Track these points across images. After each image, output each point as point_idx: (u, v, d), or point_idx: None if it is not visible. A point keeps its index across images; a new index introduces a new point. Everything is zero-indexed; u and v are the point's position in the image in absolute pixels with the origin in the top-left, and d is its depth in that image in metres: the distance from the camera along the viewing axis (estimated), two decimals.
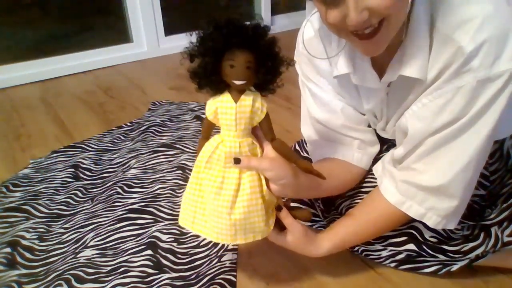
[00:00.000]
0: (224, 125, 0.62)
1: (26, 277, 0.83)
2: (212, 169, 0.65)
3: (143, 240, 0.91)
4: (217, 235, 0.66)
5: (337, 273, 0.82)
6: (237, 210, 0.64)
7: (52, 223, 0.99)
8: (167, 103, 1.65)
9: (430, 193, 0.68)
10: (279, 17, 2.73)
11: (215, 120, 0.63)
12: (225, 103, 0.60)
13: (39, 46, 2.03)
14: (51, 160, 1.26)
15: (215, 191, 0.64)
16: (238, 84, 0.57)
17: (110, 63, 2.12)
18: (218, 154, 0.63)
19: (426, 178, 0.67)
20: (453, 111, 0.61)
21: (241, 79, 0.57)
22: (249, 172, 0.64)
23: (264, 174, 0.64)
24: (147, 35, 2.20)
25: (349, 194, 0.85)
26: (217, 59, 0.57)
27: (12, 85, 1.87)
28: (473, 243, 0.75)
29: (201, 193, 0.67)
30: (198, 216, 0.68)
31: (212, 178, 0.64)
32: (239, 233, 0.65)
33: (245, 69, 0.56)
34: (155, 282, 0.80)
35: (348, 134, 0.81)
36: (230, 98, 0.60)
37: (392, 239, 0.78)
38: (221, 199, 0.64)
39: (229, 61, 0.56)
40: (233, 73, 0.56)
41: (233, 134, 0.62)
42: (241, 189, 0.64)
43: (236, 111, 0.60)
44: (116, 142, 1.37)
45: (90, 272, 0.83)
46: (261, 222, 0.65)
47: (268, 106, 0.64)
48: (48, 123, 1.53)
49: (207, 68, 0.57)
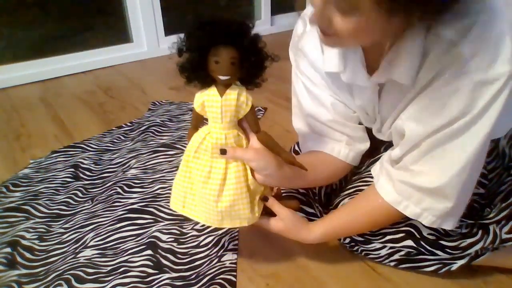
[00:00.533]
0: (210, 117, 0.66)
1: (26, 277, 0.83)
2: (200, 159, 0.68)
3: (143, 240, 0.91)
4: (206, 219, 0.72)
5: (337, 273, 0.82)
6: (224, 199, 0.68)
7: (52, 223, 0.99)
8: (167, 103, 1.65)
9: (427, 194, 0.68)
10: (279, 17, 2.74)
11: (202, 112, 0.67)
12: (211, 97, 0.64)
13: (39, 46, 2.03)
14: (51, 160, 1.26)
15: (203, 180, 0.68)
16: (223, 79, 0.61)
17: (110, 63, 2.13)
18: (206, 145, 0.67)
19: (422, 179, 0.67)
20: (450, 113, 0.61)
21: (225, 74, 0.60)
22: (235, 163, 0.67)
23: (249, 165, 0.68)
24: (147, 35, 2.20)
25: (348, 193, 0.86)
26: (203, 55, 0.60)
27: (12, 85, 1.88)
28: (471, 239, 0.75)
29: (191, 180, 0.71)
30: (188, 200, 0.73)
31: (200, 167, 0.68)
32: (226, 219, 0.71)
33: (230, 64, 0.59)
34: (155, 282, 0.80)
35: (338, 129, 0.82)
36: (216, 92, 0.63)
37: (390, 235, 0.79)
38: (208, 188, 0.68)
39: (214, 57, 0.59)
40: (218, 68, 0.59)
41: (219, 126, 0.66)
42: (227, 179, 0.68)
43: (221, 105, 0.63)
44: (116, 142, 1.37)
45: (90, 272, 0.83)
46: (246, 210, 0.70)
47: (268, 106, 0.64)
48: (48, 123, 1.53)
49: (194, 64, 0.61)
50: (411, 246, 0.77)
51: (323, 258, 0.85)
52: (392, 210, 0.72)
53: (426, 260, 0.77)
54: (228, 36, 0.58)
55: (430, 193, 0.67)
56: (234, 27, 0.58)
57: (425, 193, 0.68)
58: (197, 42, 0.59)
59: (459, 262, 0.74)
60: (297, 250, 0.87)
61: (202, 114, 0.67)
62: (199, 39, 0.59)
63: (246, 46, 0.59)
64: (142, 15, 2.15)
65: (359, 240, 0.82)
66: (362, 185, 0.85)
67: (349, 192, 0.86)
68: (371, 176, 0.81)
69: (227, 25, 0.58)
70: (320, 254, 0.86)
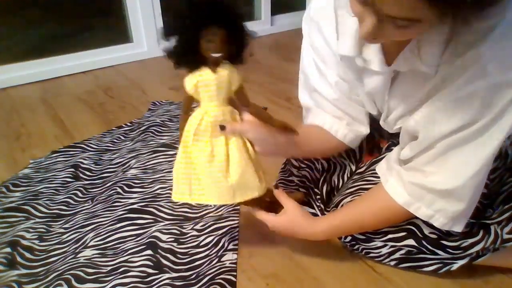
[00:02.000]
0: (205, 97, 0.67)
1: (26, 277, 0.83)
2: (200, 141, 0.70)
3: (143, 240, 0.91)
4: (218, 198, 0.73)
5: (337, 273, 0.82)
6: (232, 172, 0.71)
7: (52, 223, 0.99)
8: (167, 103, 1.65)
9: (439, 195, 0.67)
10: (279, 17, 2.73)
11: (195, 93, 0.68)
12: (205, 76, 0.66)
13: (39, 46, 2.03)
14: (51, 160, 1.26)
15: (207, 159, 0.70)
16: (216, 56, 0.63)
17: (110, 63, 2.13)
18: (205, 125, 0.69)
19: (436, 180, 0.66)
20: (467, 115, 0.60)
21: (218, 51, 0.63)
22: (234, 138, 0.70)
23: (246, 136, 0.71)
24: (147, 35, 2.20)
25: (350, 191, 0.86)
26: (196, 36, 0.62)
27: (12, 85, 1.87)
28: (473, 239, 0.75)
29: (193, 166, 0.72)
30: (194, 187, 0.74)
31: (201, 149, 0.70)
32: (238, 193, 0.73)
33: (221, 42, 0.62)
34: (155, 282, 0.80)
35: (341, 107, 0.84)
36: (209, 71, 0.65)
37: (392, 234, 0.78)
38: (215, 166, 0.70)
39: (207, 37, 0.61)
40: (211, 47, 0.62)
41: (214, 104, 0.68)
42: (230, 154, 0.71)
43: (216, 82, 0.66)
44: (116, 142, 1.37)
45: (90, 272, 0.83)
46: (255, 179, 0.73)
47: (269, 106, 0.64)
48: (48, 123, 1.53)
49: (186, 46, 0.63)
50: (413, 245, 0.77)
51: (323, 258, 0.85)
52: (401, 211, 0.71)
53: (426, 259, 0.77)
54: (219, 16, 0.61)
55: (443, 195, 0.67)
56: (222, 7, 0.62)
57: (437, 195, 0.67)
58: (190, 24, 0.61)
59: (460, 262, 0.74)
60: (297, 250, 0.87)
61: (195, 96, 0.68)
62: (192, 20, 0.61)
63: (234, 24, 0.63)
64: (142, 15, 2.15)
65: (360, 238, 0.82)
66: (365, 184, 0.85)
67: (351, 191, 0.86)
68: (374, 175, 0.81)
69: (216, 5, 0.62)
70: (320, 254, 0.86)
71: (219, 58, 0.64)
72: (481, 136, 0.61)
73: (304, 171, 1.00)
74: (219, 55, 0.63)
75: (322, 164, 0.99)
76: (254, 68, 2.05)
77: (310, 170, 0.99)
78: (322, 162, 0.99)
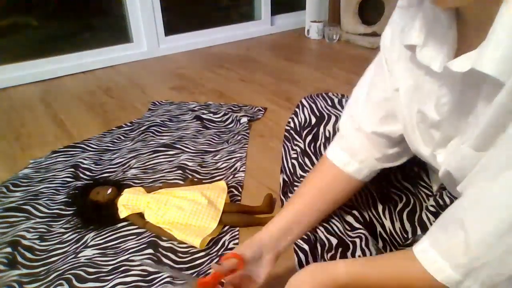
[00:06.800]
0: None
1: (26, 277, 0.83)
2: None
3: (144, 239, 0.91)
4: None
5: None
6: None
7: (52, 223, 0.99)
8: (167, 103, 1.65)
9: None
10: (279, 17, 2.74)
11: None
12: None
13: (39, 46, 2.03)
14: (51, 160, 1.26)
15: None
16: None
17: (110, 63, 2.13)
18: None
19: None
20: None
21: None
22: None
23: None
24: (147, 35, 2.21)
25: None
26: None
27: (12, 85, 1.88)
28: None
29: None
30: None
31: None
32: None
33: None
34: (156, 280, 0.81)
35: (378, 131, 0.63)
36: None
37: None
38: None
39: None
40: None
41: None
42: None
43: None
44: (116, 142, 1.37)
45: (91, 272, 0.83)
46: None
47: (268, 106, 0.63)
48: (48, 123, 1.53)
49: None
50: None
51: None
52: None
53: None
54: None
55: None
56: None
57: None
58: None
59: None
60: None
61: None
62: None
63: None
64: (142, 15, 2.15)
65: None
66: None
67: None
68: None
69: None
70: None
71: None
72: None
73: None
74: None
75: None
76: (254, 68, 2.06)
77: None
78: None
